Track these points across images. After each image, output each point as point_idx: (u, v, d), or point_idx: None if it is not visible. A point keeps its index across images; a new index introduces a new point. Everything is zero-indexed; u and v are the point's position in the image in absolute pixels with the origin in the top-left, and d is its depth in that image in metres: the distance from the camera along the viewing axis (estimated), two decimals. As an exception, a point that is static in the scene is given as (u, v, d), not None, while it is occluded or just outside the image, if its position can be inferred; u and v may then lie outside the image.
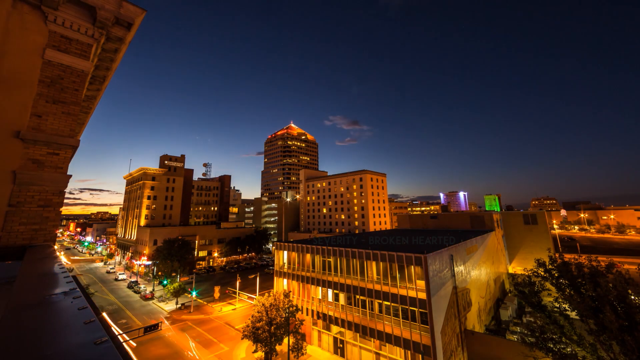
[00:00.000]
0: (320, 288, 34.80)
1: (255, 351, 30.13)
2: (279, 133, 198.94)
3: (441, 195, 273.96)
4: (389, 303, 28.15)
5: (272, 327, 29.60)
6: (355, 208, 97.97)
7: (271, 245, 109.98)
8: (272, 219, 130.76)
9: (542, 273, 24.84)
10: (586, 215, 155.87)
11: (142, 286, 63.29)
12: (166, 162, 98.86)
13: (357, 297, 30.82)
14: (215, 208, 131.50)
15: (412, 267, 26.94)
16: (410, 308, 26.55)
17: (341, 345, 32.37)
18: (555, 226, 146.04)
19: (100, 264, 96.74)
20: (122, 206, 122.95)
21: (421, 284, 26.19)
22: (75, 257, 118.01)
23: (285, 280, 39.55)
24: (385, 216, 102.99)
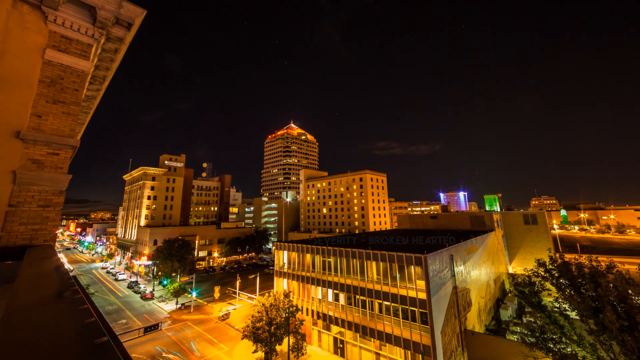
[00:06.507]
0: (320, 288, 34.79)
1: (255, 351, 30.14)
2: (279, 133, 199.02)
3: (441, 195, 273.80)
4: (389, 303, 28.15)
5: (272, 327, 29.60)
6: (355, 208, 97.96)
7: (271, 245, 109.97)
8: (272, 219, 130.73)
9: (542, 273, 24.83)
10: (586, 215, 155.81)
11: (142, 286, 63.33)
12: (166, 162, 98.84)
13: (357, 297, 30.81)
14: (215, 208, 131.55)
15: (412, 267, 26.94)
16: (410, 308, 26.55)
17: (341, 346, 32.36)
18: (555, 226, 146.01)
19: (100, 264, 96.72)
20: (122, 206, 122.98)
21: (421, 284, 26.18)
22: (75, 257, 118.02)
23: (285, 281, 39.55)
24: (385, 216, 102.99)
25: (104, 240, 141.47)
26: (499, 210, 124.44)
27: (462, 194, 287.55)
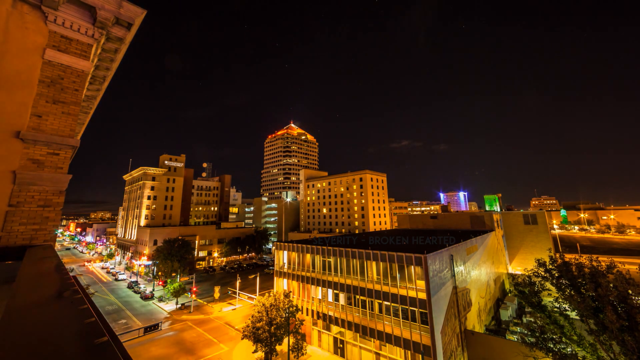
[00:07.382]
0: (320, 288, 34.78)
1: (255, 351, 30.12)
2: (279, 133, 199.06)
3: (441, 195, 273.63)
4: (389, 303, 28.14)
5: (272, 327, 29.59)
6: (355, 208, 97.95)
7: (271, 245, 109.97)
8: (272, 219, 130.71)
9: (543, 273, 24.84)
10: (586, 215, 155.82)
11: (142, 286, 63.31)
12: (166, 162, 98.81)
13: (357, 297, 30.81)
14: (215, 208, 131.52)
15: (412, 267, 26.93)
16: (411, 308, 26.54)
17: (341, 346, 32.36)
18: (555, 226, 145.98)
19: (100, 264, 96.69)
20: (122, 206, 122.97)
21: (421, 284, 26.18)
22: (76, 257, 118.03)
23: (285, 281, 39.54)
24: (385, 216, 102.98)
25: (104, 240, 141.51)
26: (499, 210, 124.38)
27: (462, 194, 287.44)
